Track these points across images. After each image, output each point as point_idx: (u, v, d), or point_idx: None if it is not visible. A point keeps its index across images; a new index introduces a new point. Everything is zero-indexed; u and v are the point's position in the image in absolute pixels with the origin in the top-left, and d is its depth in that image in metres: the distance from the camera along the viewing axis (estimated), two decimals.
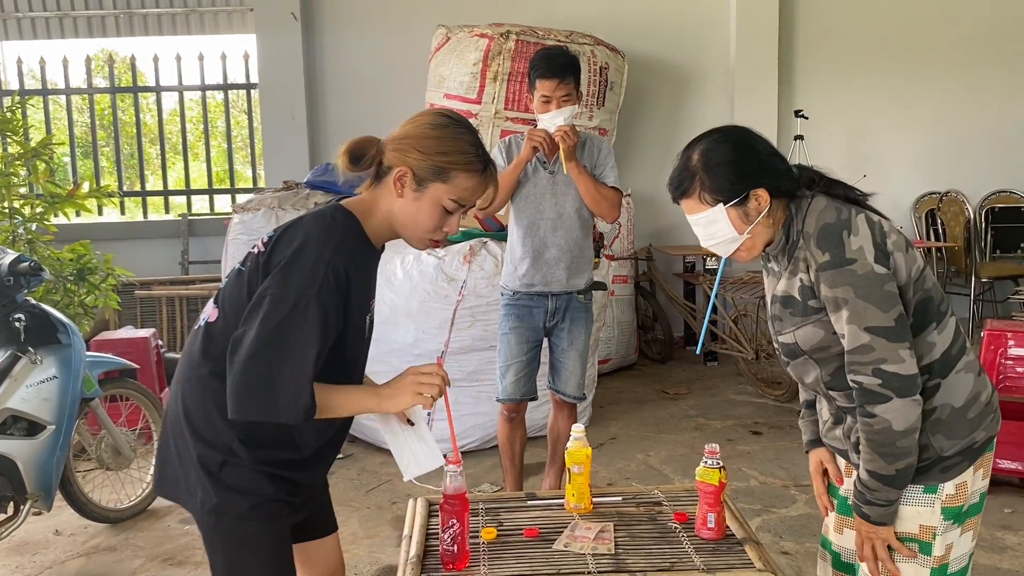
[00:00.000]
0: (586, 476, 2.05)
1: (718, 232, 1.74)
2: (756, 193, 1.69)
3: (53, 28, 6.59)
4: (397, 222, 1.73)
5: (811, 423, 1.94)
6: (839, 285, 1.64)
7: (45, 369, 3.13)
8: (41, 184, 5.24)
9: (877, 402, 1.63)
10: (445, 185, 1.69)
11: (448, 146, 1.69)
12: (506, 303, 3.27)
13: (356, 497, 3.75)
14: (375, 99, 6.35)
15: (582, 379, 3.30)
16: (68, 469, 3.30)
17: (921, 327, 1.70)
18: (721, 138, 1.73)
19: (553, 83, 3.02)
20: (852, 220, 1.67)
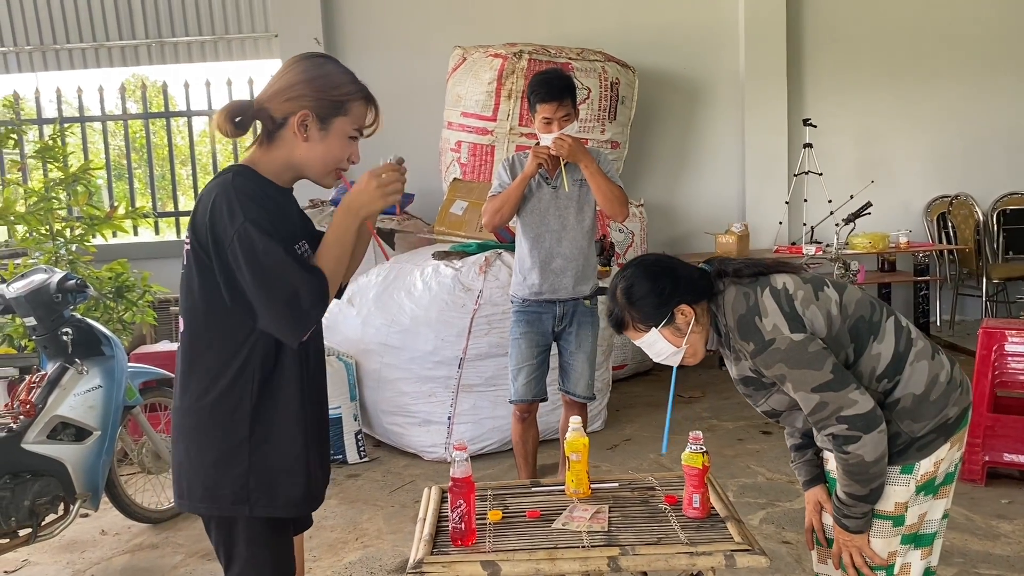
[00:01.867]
0: (584, 463, 2.24)
1: (660, 351, 2.00)
2: (680, 310, 1.94)
3: (89, 58, 6.92)
4: (303, 165, 1.80)
5: (804, 464, 2.14)
6: (772, 365, 1.87)
7: (91, 379, 3.36)
8: (81, 207, 5.52)
9: (850, 443, 1.85)
10: (346, 117, 1.79)
11: (337, 80, 1.80)
12: (516, 310, 3.47)
13: (381, 497, 3.95)
14: (395, 119, 6.40)
15: (591, 380, 3.47)
16: (113, 472, 3.54)
17: (862, 346, 1.92)
18: (635, 273, 1.99)
19: (553, 106, 3.23)
20: (759, 302, 1.90)
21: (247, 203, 1.69)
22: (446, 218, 5.39)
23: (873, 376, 1.92)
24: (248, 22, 6.85)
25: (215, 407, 1.76)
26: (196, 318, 1.77)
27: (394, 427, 4.47)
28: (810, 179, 6.42)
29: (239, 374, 1.75)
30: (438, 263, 4.57)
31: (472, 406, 4.35)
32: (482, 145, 5.73)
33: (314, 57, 1.83)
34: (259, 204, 1.71)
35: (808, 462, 2.14)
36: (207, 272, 1.73)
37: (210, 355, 1.77)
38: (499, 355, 4.35)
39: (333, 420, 4.34)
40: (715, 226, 6.51)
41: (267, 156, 1.81)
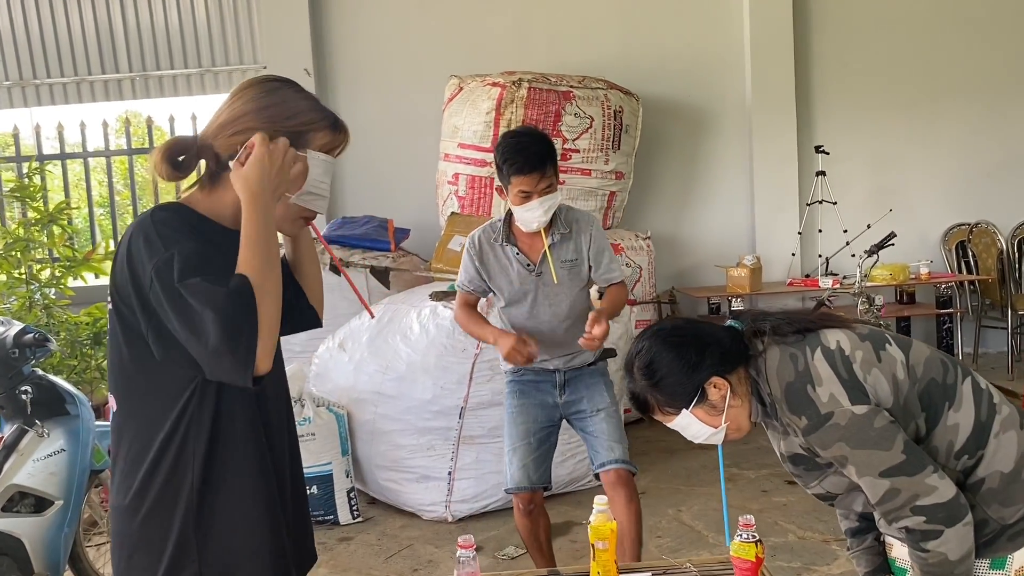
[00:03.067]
0: (611, 552, 1.91)
1: (698, 433, 1.69)
2: (711, 383, 1.63)
3: (71, 93, 6.67)
4: None
5: (863, 552, 1.82)
6: (830, 444, 1.55)
7: (53, 442, 3.04)
8: (58, 248, 5.25)
9: (929, 539, 1.53)
10: (308, 150, 1.49)
11: (293, 107, 1.49)
12: (509, 380, 2.95)
13: (376, 565, 3.61)
14: (390, 151, 6.33)
15: (623, 441, 2.83)
16: (78, 545, 3.20)
17: (936, 416, 1.59)
18: (652, 345, 1.67)
19: (533, 178, 2.64)
20: (810, 366, 1.58)
21: (168, 234, 1.38)
22: (444, 254, 5.10)
23: (951, 453, 1.60)
24: (236, 54, 6.61)
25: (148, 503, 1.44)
26: (131, 394, 1.44)
27: (390, 483, 4.13)
28: (823, 208, 6.14)
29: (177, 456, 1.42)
30: (436, 304, 4.26)
31: (475, 460, 4.01)
32: (481, 177, 5.45)
33: (266, 82, 1.51)
34: (182, 232, 1.39)
35: (868, 549, 1.81)
36: (133, 334, 1.41)
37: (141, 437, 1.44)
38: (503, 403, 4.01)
39: (323, 477, 4.00)
40: (725, 258, 6.22)
41: (209, 199, 1.50)
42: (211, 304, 1.32)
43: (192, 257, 1.36)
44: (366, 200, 6.27)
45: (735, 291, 5.82)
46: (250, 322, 1.34)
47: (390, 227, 5.59)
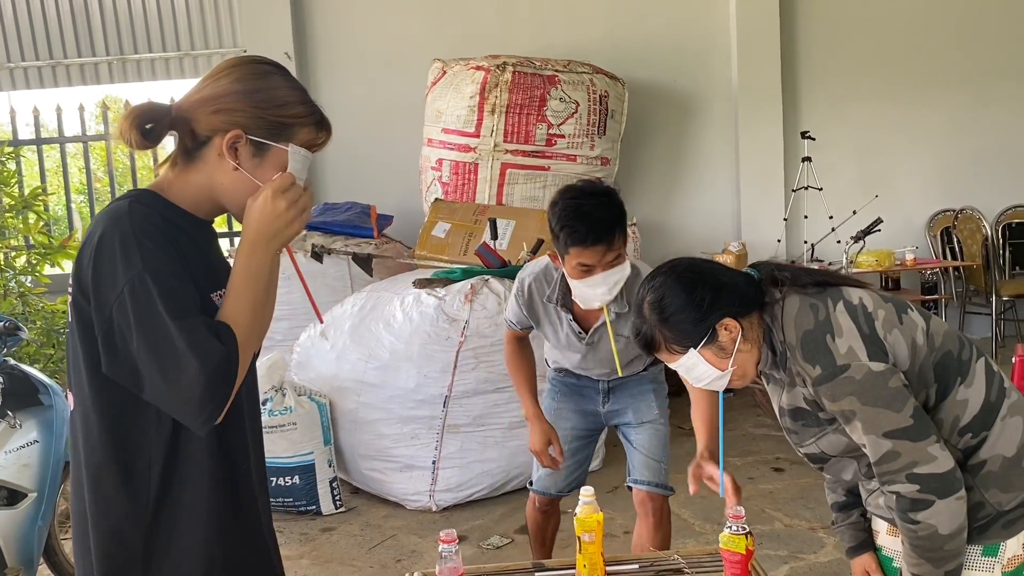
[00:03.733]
0: (598, 545, 1.86)
1: (702, 375, 1.63)
2: (723, 324, 1.57)
3: (46, 77, 6.53)
4: (227, 197, 1.41)
5: (848, 527, 1.78)
6: (841, 397, 1.50)
7: (26, 433, 2.97)
8: (32, 235, 5.15)
9: (919, 509, 1.48)
10: (290, 144, 1.40)
11: (284, 96, 1.40)
12: (552, 376, 2.75)
13: (359, 555, 3.55)
14: (372, 136, 6.23)
15: (664, 461, 2.63)
16: (53, 537, 3.13)
17: (946, 389, 1.55)
18: (666, 281, 1.61)
19: (599, 252, 2.22)
20: (831, 317, 1.53)
21: (146, 244, 1.29)
22: (427, 241, 5.04)
23: (955, 427, 1.56)
24: (215, 37, 6.48)
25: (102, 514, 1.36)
26: (84, 393, 1.35)
27: (373, 473, 4.07)
28: (809, 195, 6.11)
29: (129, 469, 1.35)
30: (419, 291, 4.19)
31: (459, 448, 3.96)
32: (465, 163, 5.38)
33: (258, 64, 1.42)
34: (162, 246, 1.31)
35: (854, 524, 1.77)
36: (90, 331, 1.32)
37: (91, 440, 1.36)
38: (487, 391, 3.98)
39: (305, 467, 3.94)
40: (711, 244, 6.18)
41: (181, 179, 1.41)
42: (202, 357, 1.25)
43: (172, 280, 1.29)
44: (348, 186, 6.19)
45: None
46: (230, 385, 1.29)
47: (373, 213, 5.52)
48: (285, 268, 1.52)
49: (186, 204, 1.41)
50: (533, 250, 4.52)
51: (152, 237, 1.31)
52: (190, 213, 1.41)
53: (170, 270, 1.30)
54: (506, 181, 5.37)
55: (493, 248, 4.48)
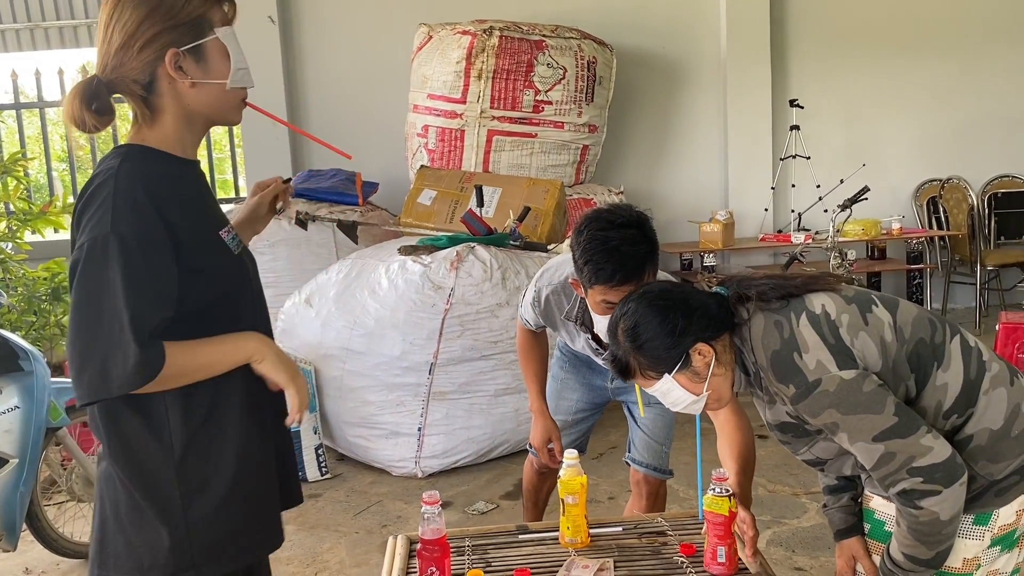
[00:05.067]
0: (582, 507, 1.86)
1: (678, 400, 1.63)
2: (696, 349, 1.57)
3: (24, 40, 6.40)
4: (202, 110, 1.44)
5: (839, 510, 1.78)
6: (820, 412, 1.50)
7: (6, 399, 2.94)
8: (13, 201, 5.07)
9: (926, 496, 1.48)
10: (213, 31, 1.41)
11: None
12: (561, 345, 2.63)
13: (344, 521, 3.56)
14: (357, 102, 6.16)
15: (666, 444, 2.57)
16: (35, 504, 3.11)
17: (924, 376, 1.54)
18: (637, 310, 1.61)
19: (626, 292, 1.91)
20: (795, 333, 1.52)
21: (123, 207, 1.30)
22: (413, 209, 4.99)
23: (940, 412, 1.56)
24: None
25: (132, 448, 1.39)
26: None
27: (359, 440, 4.07)
28: (796, 163, 6.10)
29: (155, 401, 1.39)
30: (405, 259, 4.16)
31: (445, 415, 3.96)
32: (451, 129, 5.33)
33: None
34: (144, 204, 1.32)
35: (843, 508, 1.77)
36: None
37: None
38: (473, 359, 3.97)
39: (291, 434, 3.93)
40: (698, 213, 6.17)
41: (154, 131, 1.42)
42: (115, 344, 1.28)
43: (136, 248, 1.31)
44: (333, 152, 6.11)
45: (707, 247, 5.77)
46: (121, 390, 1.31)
47: (358, 180, 5.46)
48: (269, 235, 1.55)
49: (170, 147, 1.42)
50: (520, 218, 4.49)
51: (131, 200, 1.32)
52: (177, 156, 1.43)
53: (140, 237, 1.31)
54: (493, 148, 5.33)
55: (479, 215, 4.45)
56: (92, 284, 1.29)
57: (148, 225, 1.32)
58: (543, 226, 4.73)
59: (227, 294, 1.45)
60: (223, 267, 1.45)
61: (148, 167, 1.37)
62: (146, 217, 1.32)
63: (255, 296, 1.54)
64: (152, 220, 1.33)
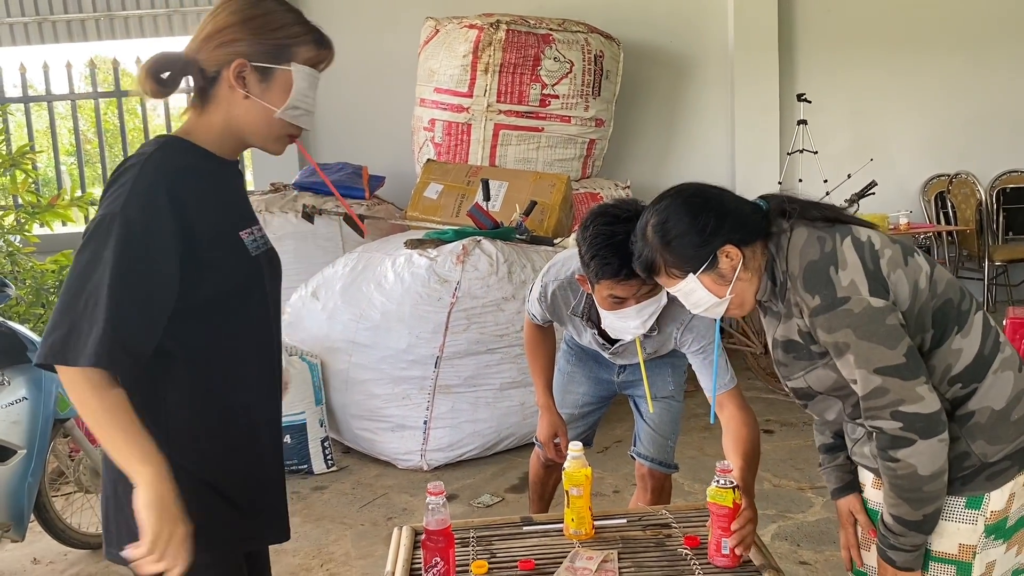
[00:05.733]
0: (586, 499, 1.86)
1: (700, 301, 1.61)
2: (725, 251, 1.56)
3: (32, 34, 6.42)
4: (247, 129, 1.49)
5: (834, 469, 1.77)
6: (837, 329, 1.49)
7: (14, 391, 2.95)
8: (21, 194, 5.09)
9: (900, 447, 1.48)
10: (292, 64, 1.46)
11: (280, 19, 1.47)
12: (568, 338, 2.63)
13: (349, 514, 3.57)
14: (364, 96, 6.17)
15: (672, 438, 2.56)
16: (43, 494, 3.12)
17: (942, 336, 1.54)
18: (671, 204, 1.60)
19: (633, 286, 1.97)
20: (837, 250, 1.51)
21: (140, 193, 1.34)
22: (419, 202, 5.00)
23: (946, 376, 1.55)
24: None
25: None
26: None
27: (364, 433, 4.08)
28: (804, 158, 6.08)
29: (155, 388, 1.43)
30: (411, 252, 4.17)
31: (450, 409, 3.96)
32: (458, 123, 5.32)
33: None
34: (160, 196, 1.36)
35: (840, 467, 1.76)
36: None
37: None
38: (479, 352, 3.97)
39: (297, 427, 3.94)
40: None
41: (202, 121, 1.48)
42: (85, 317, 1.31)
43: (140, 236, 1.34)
44: (340, 146, 6.12)
45: None
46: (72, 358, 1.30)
47: (364, 174, 5.47)
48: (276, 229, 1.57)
49: (210, 145, 1.47)
50: (526, 211, 4.49)
51: (150, 190, 1.35)
52: (215, 154, 1.47)
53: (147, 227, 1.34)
54: (499, 142, 5.33)
55: (485, 209, 4.45)
56: (86, 257, 1.33)
57: (158, 219, 1.35)
58: (549, 220, 4.74)
59: (235, 293, 1.47)
60: (236, 266, 1.47)
61: (179, 160, 1.42)
62: (159, 211, 1.35)
63: (267, 298, 1.55)
64: (164, 215, 1.35)
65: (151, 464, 1.31)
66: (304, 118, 1.50)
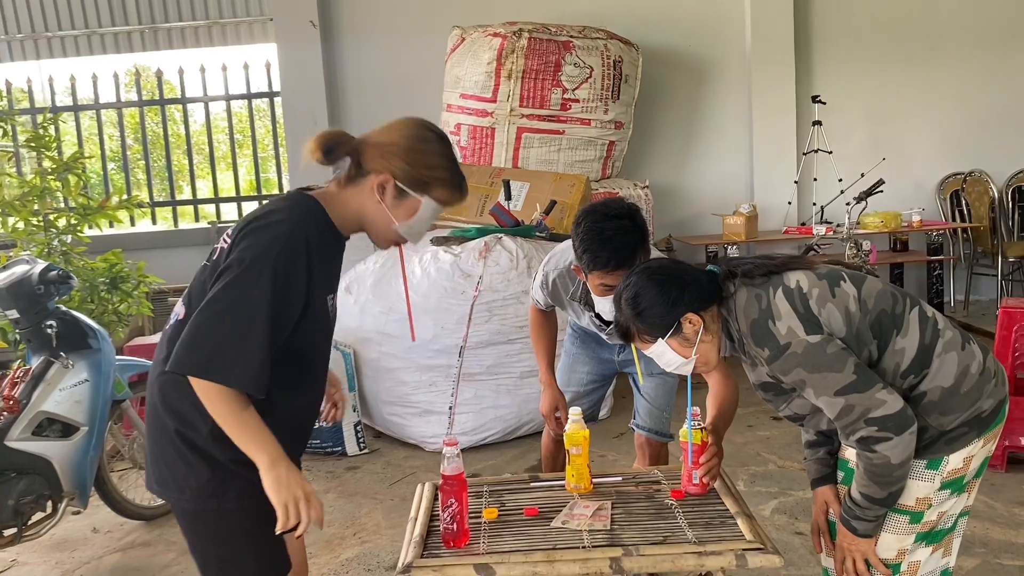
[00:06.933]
0: (584, 457, 2.11)
1: (670, 361, 1.89)
2: (687, 319, 1.83)
3: (82, 45, 6.79)
4: (368, 222, 1.76)
5: (815, 461, 2.02)
6: (790, 371, 1.75)
7: (77, 373, 3.25)
8: (73, 197, 5.42)
9: (879, 442, 1.72)
10: (426, 197, 1.73)
11: (434, 160, 1.73)
12: (572, 323, 2.90)
13: (380, 490, 3.84)
14: (394, 102, 6.44)
15: (667, 410, 2.81)
16: (102, 469, 3.43)
17: (885, 342, 1.78)
18: (639, 280, 1.87)
19: (621, 275, 2.16)
20: (772, 304, 1.77)
21: (288, 247, 1.61)
22: None
23: (898, 373, 1.79)
24: (242, 5, 6.70)
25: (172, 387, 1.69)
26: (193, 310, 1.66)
27: (394, 418, 4.36)
28: (820, 158, 6.26)
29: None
30: (437, 249, 4.44)
31: (474, 395, 4.23)
32: (482, 127, 5.59)
33: (426, 129, 1.76)
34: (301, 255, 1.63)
35: (819, 460, 2.02)
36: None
37: None
38: (500, 343, 4.23)
39: None
40: (723, 207, 6.35)
41: (342, 196, 1.75)
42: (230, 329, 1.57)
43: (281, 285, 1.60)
44: None
45: (731, 239, 5.95)
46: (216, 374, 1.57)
47: None
48: None
49: (336, 218, 1.74)
50: (546, 211, 4.74)
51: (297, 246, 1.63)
52: (336, 228, 1.75)
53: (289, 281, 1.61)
54: (522, 145, 5.58)
55: (507, 208, 4.70)
56: (237, 292, 1.58)
57: (297, 275, 1.62)
58: (569, 218, 4.97)
59: (308, 348, 1.74)
60: (317, 326, 1.73)
61: (316, 225, 1.68)
62: (299, 268, 1.62)
63: (325, 352, 1.84)
64: (302, 272, 1.63)
65: (266, 452, 1.61)
66: (414, 236, 1.79)
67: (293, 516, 1.61)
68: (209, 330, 1.57)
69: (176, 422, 1.69)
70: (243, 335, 1.57)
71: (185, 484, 1.70)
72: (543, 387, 2.78)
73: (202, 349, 1.56)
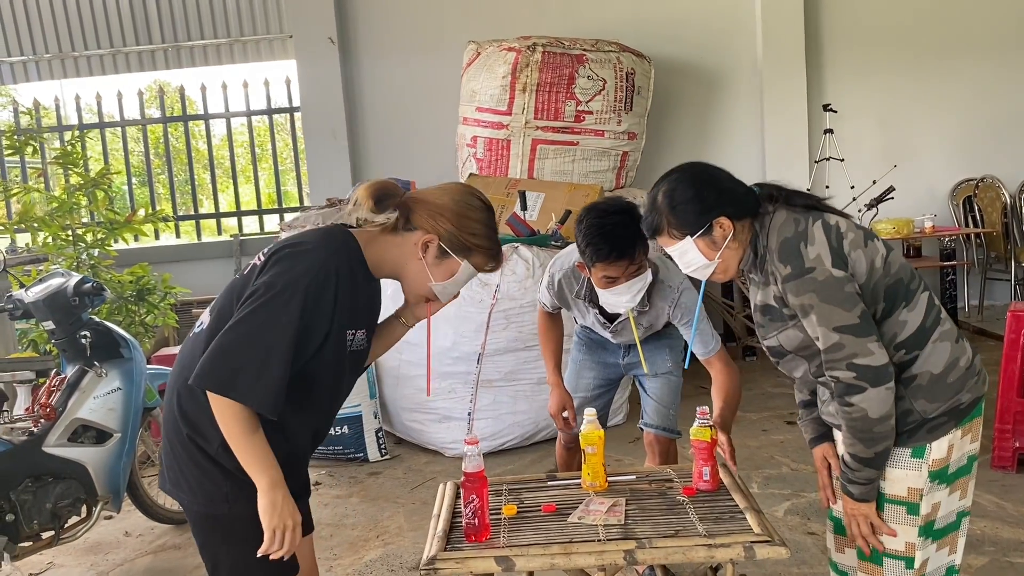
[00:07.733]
0: (599, 456, 2.20)
1: (691, 261, 1.92)
2: (719, 222, 1.87)
3: (107, 64, 6.97)
4: (405, 275, 1.83)
5: (810, 422, 2.09)
6: (803, 293, 1.80)
7: (110, 382, 3.37)
8: (101, 212, 5.57)
9: (854, 393, 1.79)
10: (465, 261, 1.81)
11: (479, 229, 1.81)
12: (578, 331, 3.02)
13: (402, 494, 3.94)
14: (411, 116, 6.59)
15: (673, 407, 2.91)
16: (134, 474, 3.55)
17: (892, 308, 1.85)
18: (680, 177, 1.91)
19: (621, 266, 2.41)
20: (808, 230, 1.83)
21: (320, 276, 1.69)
22: None
23: (892, 343, 1.86)
24: (263, 23, 6.87)
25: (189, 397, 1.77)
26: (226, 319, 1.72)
27: (414, 424, 4.46)
28: (831, 165, 6.33)
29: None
30: None
31: (492, 401, 4.32)
32: (498, 139, 5.70)
33: (475, 197, 1.85)
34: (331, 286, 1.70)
35: (815, 420, 2.08)
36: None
37: None
38: (517, 349, 4.32)
39: (353, 418, 4.34)
40: None
41: (380, 242, 1.82)
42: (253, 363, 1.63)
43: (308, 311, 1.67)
44: (390, 162, 6.56)
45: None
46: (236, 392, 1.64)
47: (412, 188, 5.87)
48: None
49: (371, 261, 1.81)
50: (561, 220, 4.84)
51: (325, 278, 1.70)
52: (369, 270, 1.82)
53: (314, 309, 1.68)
54: (537, 156, 5.69)
55: (523, 218, 4.80)
56: (264, 315, 1.65)
57: (324, 305, 1.69)
58: None
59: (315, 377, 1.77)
60: (330, 357, 1.77)
61: (348, 261, 1.75)
62: (327, 299, 1.69)
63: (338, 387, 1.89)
64: (328, 304, 1.70)
65: (267, 476, 1.68)
66: (446, 296, 1.88)
67: (278, 542, 1.69)
68: (235, 350, 1.63)
69: (189, 429, 1.76)
70: (266, 358, 1.63)
71: (198, 488, 1.77)
72: (551, 388, 2.89)
73: (226, 367, 1.63)
